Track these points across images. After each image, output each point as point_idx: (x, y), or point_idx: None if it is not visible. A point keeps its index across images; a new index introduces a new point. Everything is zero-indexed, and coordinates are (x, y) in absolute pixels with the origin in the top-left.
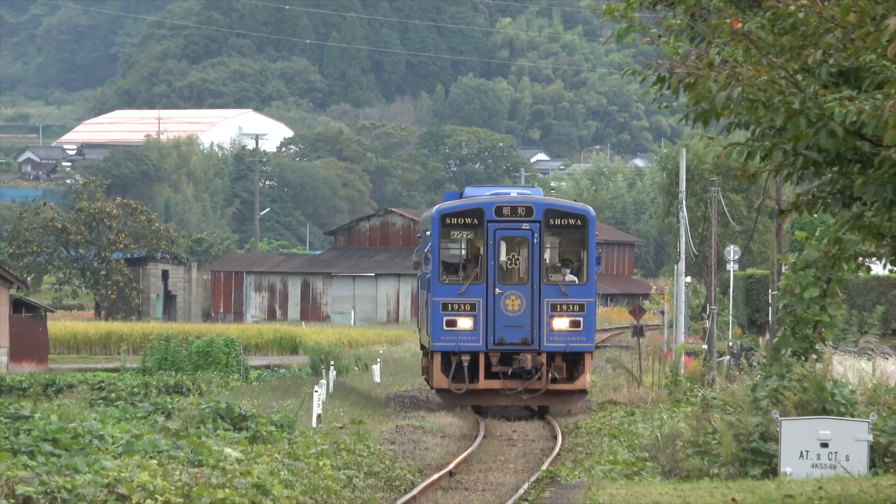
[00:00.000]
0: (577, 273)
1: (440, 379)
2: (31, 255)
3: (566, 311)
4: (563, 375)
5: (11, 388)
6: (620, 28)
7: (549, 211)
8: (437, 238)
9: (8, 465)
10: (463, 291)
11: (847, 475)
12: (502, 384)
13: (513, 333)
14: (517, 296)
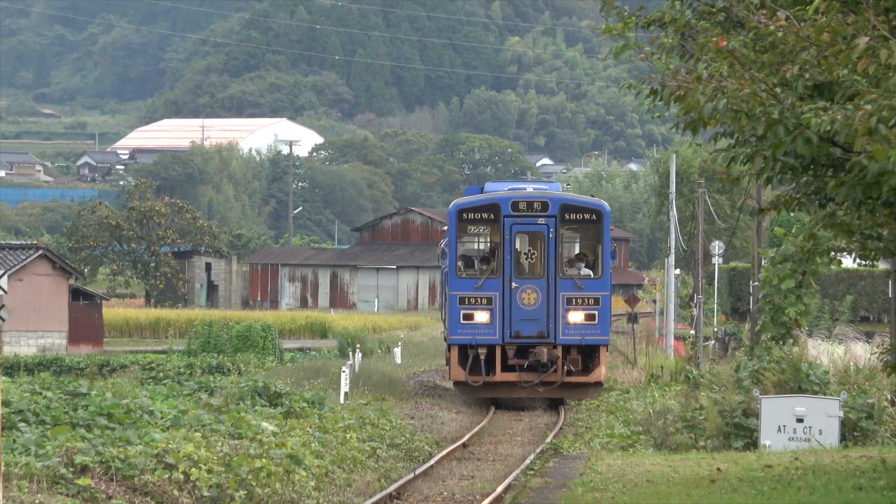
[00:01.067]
0: (591, 267)
1: (457, 371)
2: (88, 249)
3: (581, 305)
4: (578, 368)
5: (70, 368)
6: (618, 46)
7: (565, 206)
8: (455, 233)
9: (67, 437)
10: (480, 285)
11: (820, 447)
12: (518, 377)
13: (529, 327)
14: (533, 289)
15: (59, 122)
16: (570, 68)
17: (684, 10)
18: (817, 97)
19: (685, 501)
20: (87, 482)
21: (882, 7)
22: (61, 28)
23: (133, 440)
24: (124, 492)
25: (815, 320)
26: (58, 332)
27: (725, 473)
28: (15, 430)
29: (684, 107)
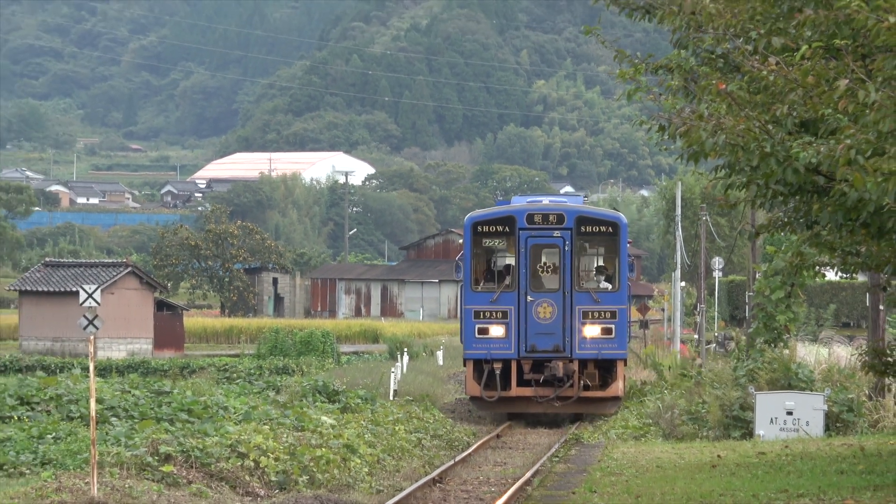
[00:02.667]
0: (609, 280)
1: (472, 386)
2: (171, 266)
3: (598, 319)
4: (595, 382)
5: (155, 370)
6: (630, 88)
7: (581, 218)
8: (469, 246)
9: (153, 430)
10: (495, 299)
11: (807, 437)
12: (534, 391)
13: (545, 341)
14: (549, 303)
15: (146, 156)
16: (588, 108)
17: (688, 57)
18: (804, 132)
19: (690, 484)
20: (170, 469)
21: (859, 53)
22: (147, 74)
23: (210, 432)
24: (202, 477)
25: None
26: (144, 338)
27: (725, 460)
28: (107, 424)
29: (688, 141)
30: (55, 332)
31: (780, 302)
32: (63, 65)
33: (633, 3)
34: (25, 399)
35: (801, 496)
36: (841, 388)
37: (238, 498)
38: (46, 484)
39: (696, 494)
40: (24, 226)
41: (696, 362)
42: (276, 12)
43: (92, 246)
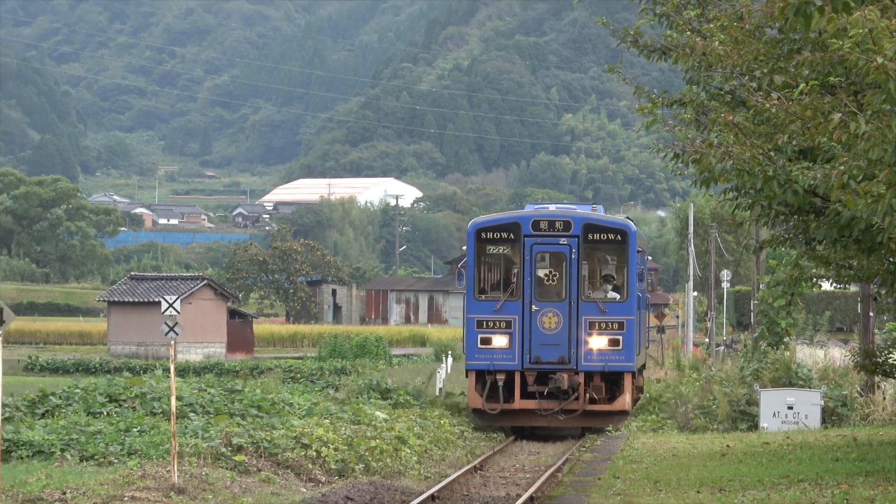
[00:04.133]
0: (616, 290)
1: (474, 398)
2: (242, 279)
3: (605, 330)
4: (602, 396)
5: (228, 371)
6: (648, 121)
7: (588, 225)
8: (473, 253)
9: (227, 424)
10: (498, 308)
11: (806, 428)
12: (538, 404)
13: (549, 352)
14: (554, 313)
15: (219, 181)
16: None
17: (699, 93)
18: (802, 159)
19: (702, 470)
20: (242, 458)
21: (851, 90)
22: (220, 109)
23: (277, 426)
24: (270, 466)
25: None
26: (218, 343)
27: (733, 449)
28: (186, 419)
29: (700, 167)
30: (140, 337)
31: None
32: (146, 101)
33: (650, 46)
34: (114, 397)
35: (800, 481)
36: (836, 385)
37: (302, 484)
38: (132, 472)
39: (707, 479)
40: (112, 244)
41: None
42: (335, 55)
43: (172, 261)
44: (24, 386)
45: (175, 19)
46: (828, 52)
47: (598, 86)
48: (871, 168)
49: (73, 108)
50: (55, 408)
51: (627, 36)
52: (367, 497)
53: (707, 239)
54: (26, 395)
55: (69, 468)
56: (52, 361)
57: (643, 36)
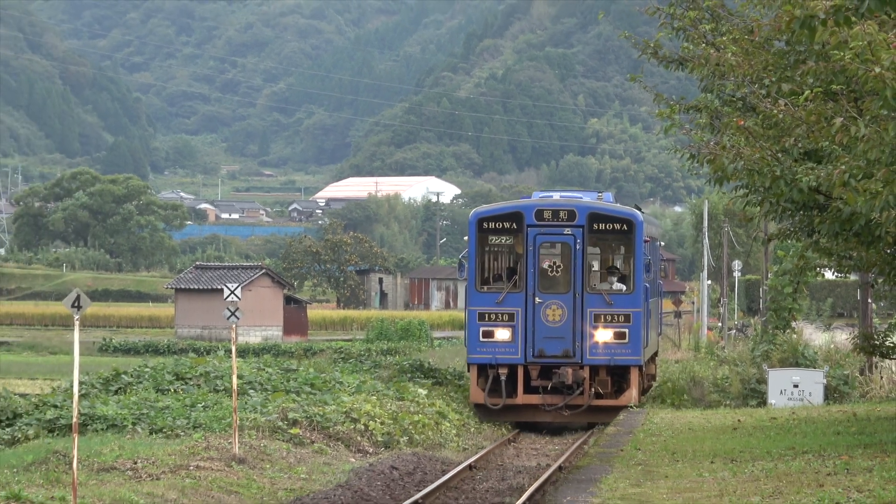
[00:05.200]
0: (623, 281)
1: (476, 393)
2: (297, 269)
3: (611, 322)
4: (608, 390)
5: (284, 352)
6: (667, 125)
7: (593, 215)
8: (475, 243)
9: (283, 400)
10: (501, 300)
11: (810, 405)
12: (542, 399)
13: (553, 345)
14: (558, 305)
15: (276, 180)
16: (633, 140)
17: (713, 100)
18: (807, 160)
19: (715, 443)
20: (297, 431)
21: (852, 97)
22: (277, 114)
23: (328, 402)
24: (322, 438)
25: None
26: (275, 326)
27: (744, 423)
28: (246, 395)
29: (714, 167)
30: (204, 321)
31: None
32: (210, 107)
33: (668, 57)
34: (180, 375)
35: (805, 453)
36: (837, 365)
37: (351, 454)
38: (197, 443)
39: (720, 451)
40: (179, 236)
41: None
42: (381, 64)
43: (233, 252)
44: (99, 365)
45: (236, 32)
46: (830, 62)
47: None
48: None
49: (144, 112)
50: (127, 385)
51: (648, 48)
52: (411, 466)
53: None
54: (101, 373)
55: (140, 440)
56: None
57: (662, 48)
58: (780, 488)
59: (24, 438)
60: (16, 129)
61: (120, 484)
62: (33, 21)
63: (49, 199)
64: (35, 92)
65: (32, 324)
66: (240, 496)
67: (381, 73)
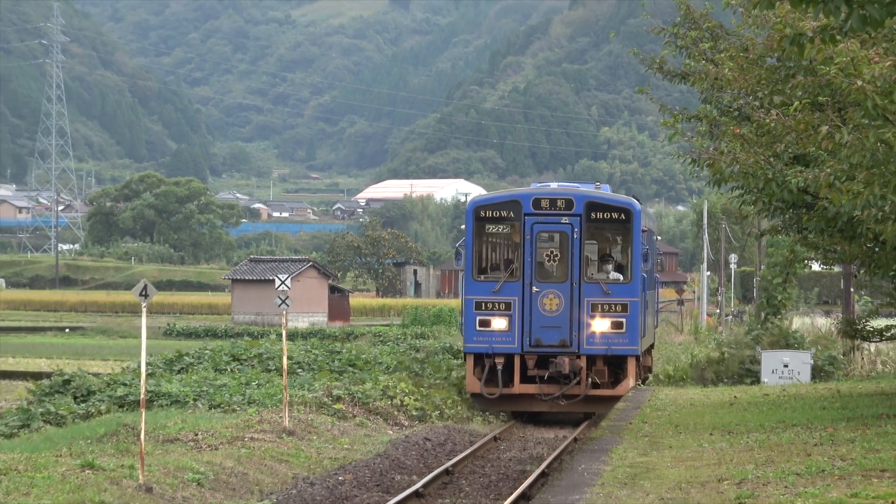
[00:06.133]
0: (620, 270)
1: (472, 382)
2: (340, 261)
3: (608, 312)
4: (604, 380)
5: (329, 336)
6: (671, 133)
7: (591, 204)
8: (472, 232)
9: (328, 378)
10: (497, 289)
11: (799, 383)
12: (539, 389)
13: (550, 335)
14: (555, 295)
15: (322, 182)
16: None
17: (712, 110)
18: (796, 164)
19: (714, 416)
20: (340, 407)
21: (837, 107)
22: (323, 124)
23: (368, 380)
24: (363, 412)
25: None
26: (321, 313)
27: (739, 399)
28: (295, 374)
29: (712, 170)
30: (257, 308)
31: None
32: (263, 117)
33: (672, 72)
34: (237, 356)
35: (794, 425)
36: (823, 347)
37: (389, 427)
38: (251, 417)
39: (719, 423)
40: (235, 232)
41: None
42: (416, 79)
43: (283, 247)
44: (164, 348)
45: (286, 50)
46: (817, 76)
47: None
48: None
49: (204, 122)
50: (189, 365)
51: (654, 64)
52: (442, 438)
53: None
54: (165, 355)
55: (200, 414)
56: (186, 328)
57: (667, 64)
58: (771, 457)
59: (97, 413)
60: (90, 137)
61: (182, 453)
62: (105, 41)
63: (119, 200)
64: (107, 104)
65: (104, 311)
66: (290, 464)
67: (416, 86)
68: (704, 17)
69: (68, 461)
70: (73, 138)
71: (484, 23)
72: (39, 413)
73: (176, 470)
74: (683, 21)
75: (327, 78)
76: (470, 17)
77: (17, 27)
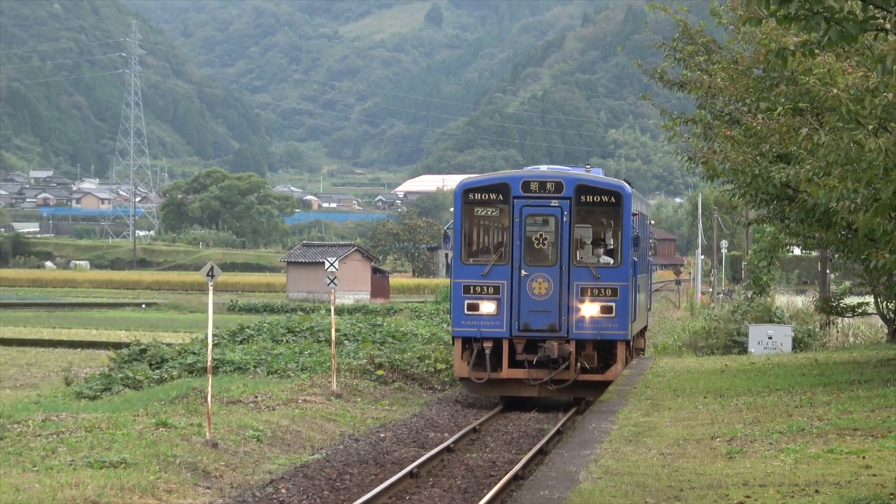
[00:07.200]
0: (610, 254)
1: (460, 367)
2: (381, 246)
3: (598, 296)
4: (594, 365)
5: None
6: (670, 134)
7: (581, 187)
8: (460, 215)
9: (371, 348)
10: (486, 273)
11: (781, 353)
12: (527, 374)
13: (539, 319)
14: (544, 278)
15: (365, 177)
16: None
17: (706, 115)
18: (779, 162)
19: (707, 382)
20: (381, 372)
21: (815, 112)
22: (366, 126)
23: (406, 349)
24: (402, 378)
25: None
26: (364, 291)
27: (729, 367)
28: (342, 344)
29: (706, 167)
30: (309, 287)
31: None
32: (314, 120)
33: (672, 81)
34: (291, 329)
35: (777, 390)
36: (802, 322)
37: (424, 391)
38: (304, 382)
39: (712, 388)
40: (290, 221)
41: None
42: (447, 87)
43: (332, 233)
44: (227, 321)
45: (335, 62)
46: (798, 85)
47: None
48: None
49: (262, 125)
50: (249, 337)
51: (655, 74)
52: (471, 400)
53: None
54: (229, 328)
55: (259, 379)
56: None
57: (666, 74)
58: (757, 417)
59: (169, 378)
60: (163, 137)
61: (244, 413)
62: (177, 54)
63: (189, 192)
64: (178, 108)
65: (176, 289)
66: (337, 423)
67: (447, 93)
68: (700, 34)
69: (144, 420)
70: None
71: (507, 38)
72: (119, 378)
73: (238, 428)
74: (681, 37)
75: (370, 86)
76: (495, 34)
77: (101, 42)
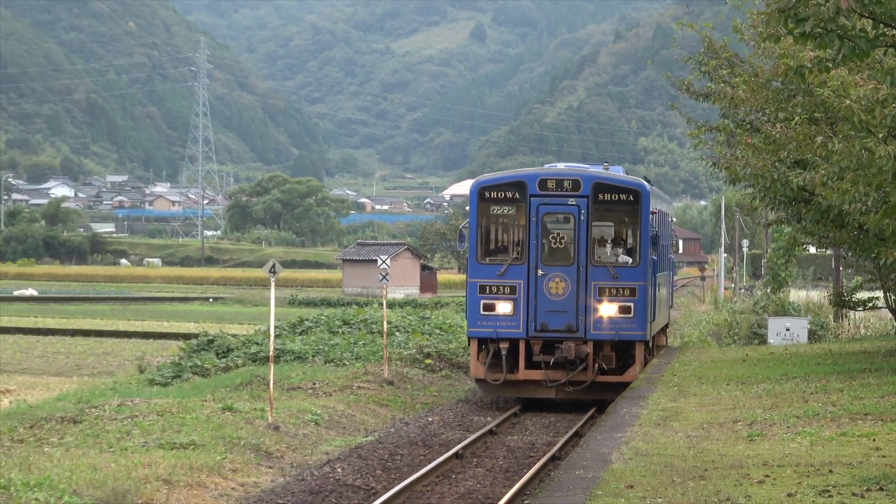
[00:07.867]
0: (629, 253)
1: (476, 368)
2: (429, 245)
3: (616, 296)
4: (612, 366)
5: (420, 305)
6: (696, 142)
7: (599, 185)
8: (476, 213)
9: (420, 339)
10: (502, 272)
11: (798, 343)
12: (544, 375)
13: (556, 319)
14: (562, 278)
15: (415, 181)
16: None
17: (729, 124)
18: (797, 167)
19: (730, 370)
20: (429, 361)
21: (829, 121)
22: (416, 134)
23: (452, 340)
24: (448, 366)
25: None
26: (414, 286)
27: (750, 356)
28: (393, 336)
29: (729, 172)
30: (363, 282)
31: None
32: (368, 129)
33: (697, 93)
34: (346, 321)
35: (794, 377)
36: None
37: (469, 379)
38: (358, 370)
39: (734, 376)
40: (345, 221)
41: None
42: (490, 98)
43: (384, 233)
44: (288, 314)
45: (387, 75)
46: (814, 97)
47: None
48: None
49: (320, 133)
50: (308, 328)
51: (682, 86)
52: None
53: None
54: (289, 320)
55: (317, 368)
56: (305, 298)
57: (693, 86)
58: (776, 403)
59: (234, 366)
60: (229, 145)
61: (303, 399)
62: (242, 68)
63: (252, 195)
64: (243, 118)
65: (240, 284)
66: (389, 408)
67: (490, 104)
68: (723, 49)
69: (211, 405)
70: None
71: (545, 54)
72: (188, 366)
73: (298, 412)
74: (706, 52)
75: (419, 98)
76: (534, 49)
77: (172, 56)
